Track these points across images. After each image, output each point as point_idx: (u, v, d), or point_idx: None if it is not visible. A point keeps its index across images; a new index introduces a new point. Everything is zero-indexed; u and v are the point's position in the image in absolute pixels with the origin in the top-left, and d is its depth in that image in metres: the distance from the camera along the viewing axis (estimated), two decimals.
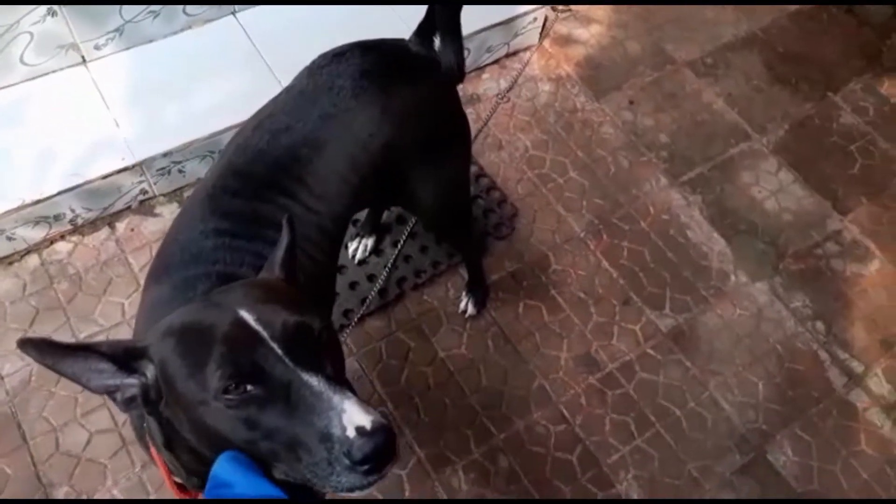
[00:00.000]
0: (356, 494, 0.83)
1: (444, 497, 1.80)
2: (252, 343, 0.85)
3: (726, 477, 1.88)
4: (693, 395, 2.00)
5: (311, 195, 1.28)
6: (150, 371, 0.91)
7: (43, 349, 0.85)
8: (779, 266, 2.25)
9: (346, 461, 0.79)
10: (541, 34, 2.66)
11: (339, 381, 0.87)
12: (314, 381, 0.83)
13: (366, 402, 0.83)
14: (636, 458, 1.89)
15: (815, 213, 2.37)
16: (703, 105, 2.60)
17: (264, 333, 0.86)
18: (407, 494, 1.79)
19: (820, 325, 2.14)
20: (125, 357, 0.91)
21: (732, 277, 2.22)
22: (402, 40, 1.49)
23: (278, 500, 0.81)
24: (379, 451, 0.79)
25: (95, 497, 1.74)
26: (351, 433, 0.78)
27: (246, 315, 0.87)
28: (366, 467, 0.80)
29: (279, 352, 0.85)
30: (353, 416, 0.80)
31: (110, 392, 0.92)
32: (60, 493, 1.74)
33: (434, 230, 2.04)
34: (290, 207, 1.25)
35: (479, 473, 1.84)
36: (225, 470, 0.85)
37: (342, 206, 1.33)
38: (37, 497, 1.73)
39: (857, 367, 2.07)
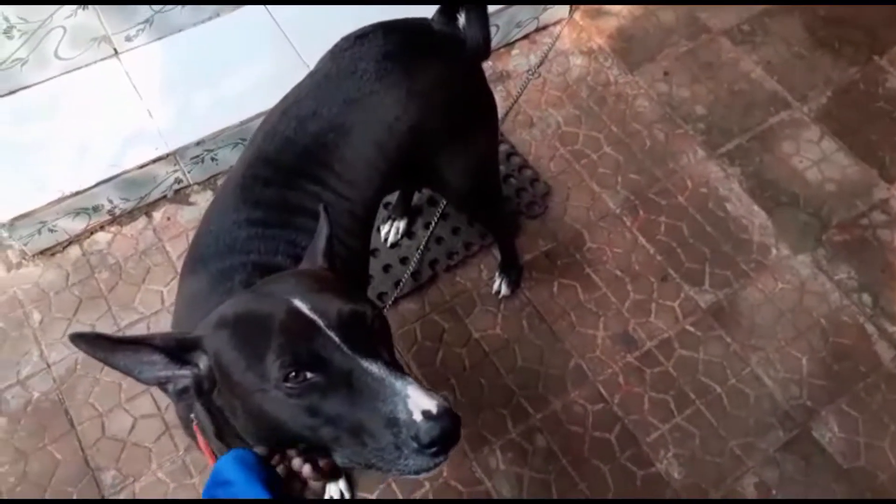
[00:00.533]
0: (423, 476, 0.85)
1: (482, 476, 1.80)
2: (309, 332, 0.85)
3: (770, 453, 1.84)
4: (734, 371, 1.96)
5: (340, 181, 1.28)
6: (203, 362, 0.91)
7: (94, 343, 0.86)
8: (822, 238, 2.18)
9: (415, 444, 0.80)
10: (571, 7, 2.61)
11: (396, 366, 0.87)
12: (374, 367, 0.83)
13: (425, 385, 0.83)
14: (676, 437, 1.86)
15: (860, 182, 2.28)
16: (740, 74, 2.52)
17: (320, 322, 0.86)
18: (444, 475, 1.80)
19: (866, 298, 2.07)
20: (178, 349, 0.91)
21: (774, 251, 2.16)
22: (424, 19, 1.47)
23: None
24: (446, 434, 0.79)
25: (141, 480, 1.78)
26: (418, 417, 0.79)
27: (300, 304, 0.87)
28: (434, 449, 0.80)
29: (336, 340, 0.85)
30: (419, 401, 0.80)
31: (161, 383, 0.92)
32: (108, 477, 1.79)
33: (464, 211, 2.03)
34: (320, 195, 1.25)
35: (517, 453, 1.83)
36: (228, 468, 0.86)
37: (372, 190, 1.33)
38: (86, 480, 1.78)
39: None
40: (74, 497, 1.76)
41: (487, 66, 2.44)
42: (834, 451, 1.85)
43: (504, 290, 2.06)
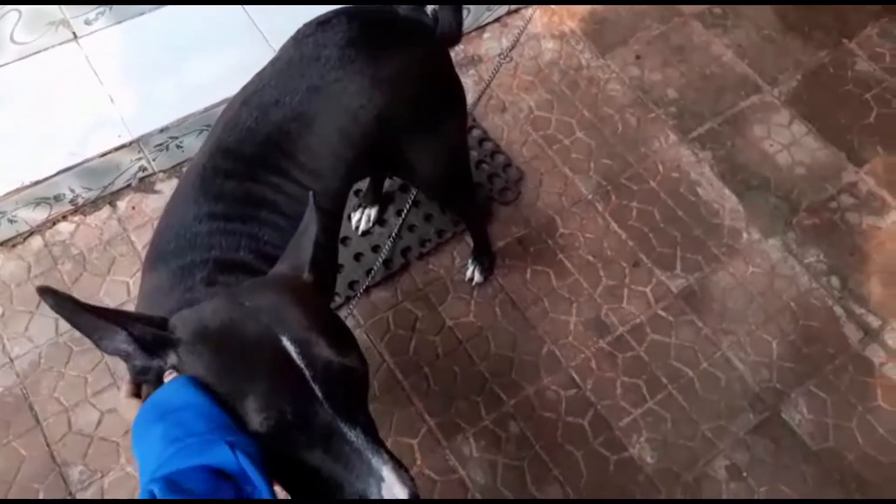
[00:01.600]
0: None
1: (455, 464, 1.80)
2: (295, 383, 0.82)
3: (740, 436, 1.86)
4: (705, 355, 1.97)
5: (303, 172, 1.24)
6: (171, 361, 0.88)
7: (60, 302, 0.83)
8: (792, 221, 2.20)
9: None
10: None
11: (372, 429, 0.85)
12: (352, 434, 0.81)
13: (395, 458, 0.82)
14: (649, 421, 1.87)
15: (829, 166, 2.30)
16: (712, 58, 2.52)
17: (307, 372, 0.82)
18: (418, 463, 1.79)
19: (835, 280, 2.10)
20: (153, 344, 0.88)
21: (745, 235, 2.17)
22: (388, 5, 1.44)
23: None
24: None
25: (109, 475, 1.75)
26: None
27: (289, 346, 0.83)
28: None
29: (319, 395, 0.82)
30: (393, 487, 0.79)
31: (121, 355, 0.89)
32: (75, 472, 1.75)
33: (435, 199, 2.00)
34: (283, 186, 1.22)
35: (490, 440, 1.83)
36: (177, 392, 0.82)
37: (337, 180, 1.30)
38: (52, 476, 1.75)
39: (874, 321, 2.03)
40: (40, 492, 1.73)
41: (458, 49, 2.41)
42: (803, 433, 1.87)
43: (477, 278, 2.05)
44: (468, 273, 2.06)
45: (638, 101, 2.40)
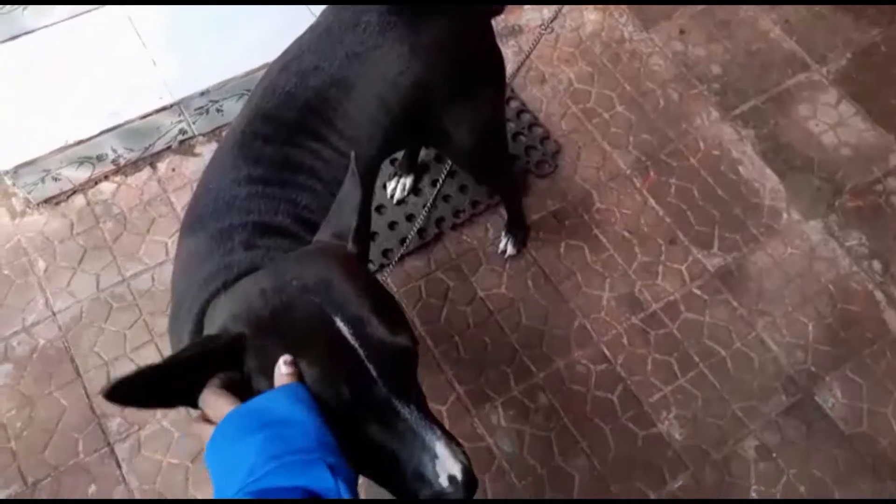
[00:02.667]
0: None
1: (483, 432, 1.81)
2: (349, 363, 0.81)
3: (771, 417, 1.84)
4: (739, 335, 1.95)
5: (341, 138, 1.24)
6: (250, 363, 0.84)
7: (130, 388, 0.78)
8: (835, 203, 2.15)
9: (432, 500, 0.79)
10: None
11: (425, 406, 0.85)
12: (406, 411, 0.81)
13: (448, 432, 0.82)
14: (679, 398, 1.86)
15: (876, 147, 2.24)
16: (758, 33, 2.45)
17: (361, 352, 0.81)
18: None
19: (877, 265, 2.05)
20: (225, 359, 0.84)
21: (785, 215, 2.13)
22: None
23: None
24: (467, 500, 0.79)
25: (146, 428, 1.80)
26: (444, 482, 0.78)
27: (343, 327, 0.82)
28: None
29: (374, 374, 0.81)
30: (446, 463, 0.79)
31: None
32: (114, 424, 1.81)
33: (470, 171, 1.99)
34: (321, 152, 1.22)
35: (519, 410, 1.84)
36: (280, 403, 0.77)
37: (374, 148, 1.29)
38: (91, 427, 1.80)
39: None
40: (80, 442, 1.78)
41: (499, 19, 2.38)
42: (836, 417, 1.85)
43: (510, 250, 2.04)
44: (501, 245, 2.05)
45: (680, 77, 2.36)
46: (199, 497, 1.73)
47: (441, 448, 0.80)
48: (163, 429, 1.80)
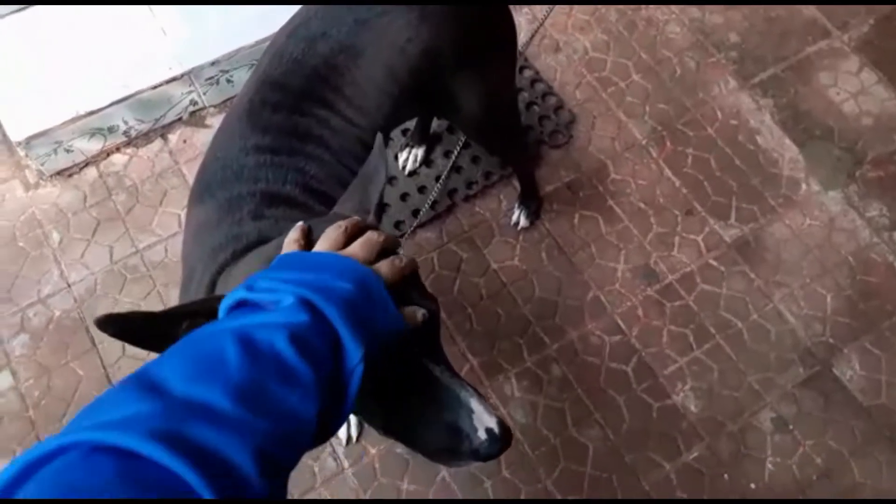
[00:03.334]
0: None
1: (497, 402, 1.81)
2: None
3: (788, 389, 1.83)
4: (756, 307, 1.92)
5: (350, 106, 1.22)
6: None
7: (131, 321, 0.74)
8: (855, 173, 2.11)
9: (470, 455, 0.80)
10: None
11: (451, 368, 0.85)
12: (438, 371, 0.81)
13: (477, 391, 0.82)
14: (694, 370, 1.85)
15: None
16: None
17: None
18: None
19: None
20: None
21: (804, 186, 2.09)
22: None
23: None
24: (502, 451, 0.80)
25: None
26: (482, 435, 0.79)
27: None
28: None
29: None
30: (483, 417, 0.79)
31: None
32: None
33: (480, 143, 1.96)
34: (330, 120, 1.20)
35: (532, 381, 1.83)
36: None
37: (382, 117, 1.26)
38: None
39: None
40: None
41: None
42: (854, 389, 1.83)
43: (523, 222, 2.02)
44: (514, 217, 2.03)
45: (698, 45, 2.31)
46: None
47: (476, 403, 0.80)
48: None
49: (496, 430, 0.79)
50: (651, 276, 1.97)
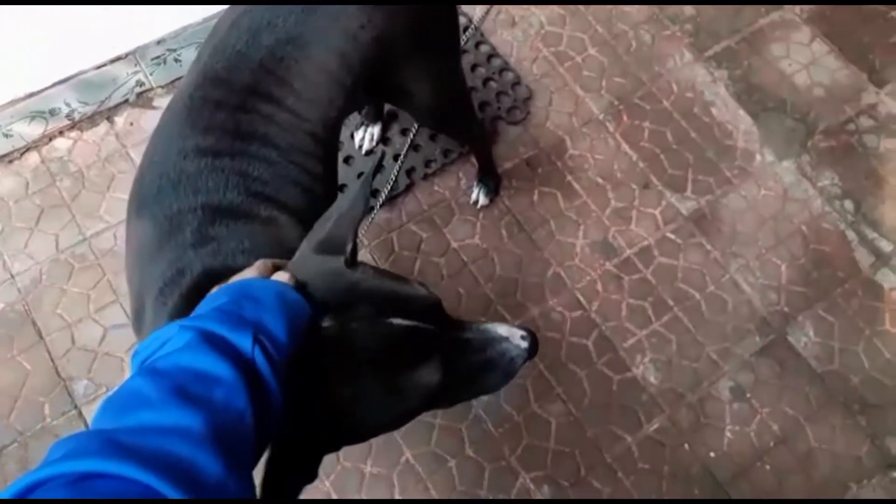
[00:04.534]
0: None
1: None
2: (418, 342, 0.87)
3: (745, 358, 1.85)
4: (713, 278, 1.94)
5: (299, 100, 1.16)
6: None
7: None
8: (807, 144, 2.14)
9: (523, 361, 0.94)
10: None
11: (468, 322, 0.94)
12: (470, 335, 0.91)
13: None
14: (653, 342, 1.87)
15: (849, 87, 2.22)
16: None
17: (414, 323, 0.86)
18: None
19: (849, 204, 2.05)
20: None
21: (758, 157, 2.11)
22: None
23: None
24: (537, 345, 0.95)
25: (114, 389, 1.76)
26: (525, 344, 0.93)
27: (399, 321, 0.86)
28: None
29: (431, 329, 0.87)
30: (515, 335, 0.92)
31: None
32: (80, 387, 1.76)
33: (433, 127, 1.92)
34: (276, 116, 1.14)
35: None
36: (262, 286, 0.80)
37: (334, 109, 1.20)
38: (57, 390, 1.76)
39: (886, 246, 2.00)
40: (46, 405, 1.74)
41: None
42: (808, 356, 1.87)
43: (482, 200, 2.01)
44: (473, 196, 2.01)
45: (653, 18, 2.31)
46: None
47: (505, 329, 0.93)
48: None
49: (525, 332, 0.93)
50: (609, 250, 1.98)
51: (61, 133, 2.06)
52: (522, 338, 0.93)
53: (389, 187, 1.90)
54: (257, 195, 1.09)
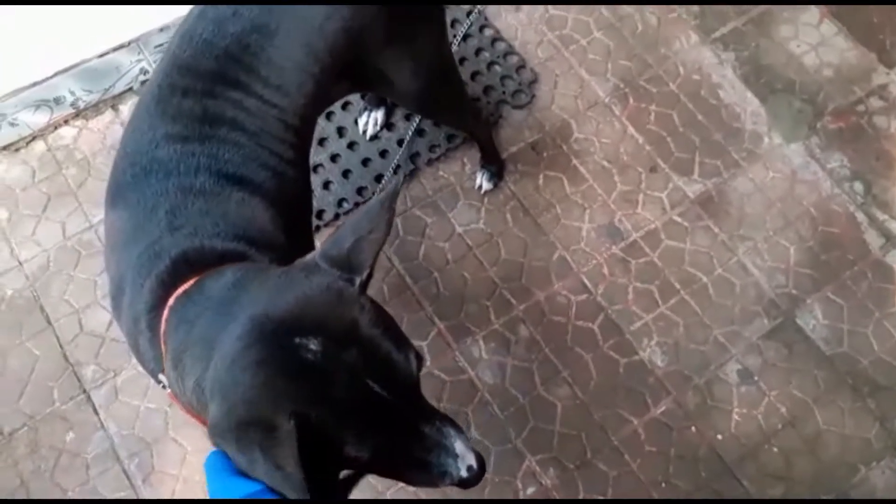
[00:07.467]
0: None
1: (465, 365, 1.80)
2: (379, 408, 0.86)
3: (753, 341, 1.84)
4: (721, 261, 1.93)
5: (266, 86, 1.17)
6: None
7: None
8: (816, 125, 2.11)
9: (451, 483, 0.92)
10: None
11: (433, 411, 0.92)
12: (429, 429, 0.89)
13: (457, 425, 0.92)
14: (660, 326, 1.86)
15: (858, 67, 2.19)
16: None
17: (388, 396, 0.86)
18: (428, 364, 1.79)
19: (858, 186, 2.03)
20: None
21: (766, 139, 2.09)
22: None
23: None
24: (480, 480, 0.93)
25: (122, 374, 1.77)
26: (465, 473, 0.90)
27: (374, 387, 0.85)
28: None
29: (399, 406, 0.87)
30: (466, 458, 0.90)
31: None
32: (88, 372, 1.78)
33: (424, 115, 1.90)
34: (244, 101, 1.15)
35: (500, 343, 1.83)
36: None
37: (304, 97, 1.21)
38: (66, 375, 1.77)
39: None
40: (55, 390, 1.75)
41: None
42: (817, 338, 1.85)
43: (485, 186, 2.00)
44: (477, 182, 2.00)
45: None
46: (180, 441, 1.72)
47: (460, 446, 0.90)
48: (139, 374, 1.77)
49: (475, 465, 0.91)
50: (616, 234, 1.96)
51: (66, 121, 2.06)
52: (469, 468, 0.90)
53: (392, 170, 1.90)
54: (229, 177, 1.11)
